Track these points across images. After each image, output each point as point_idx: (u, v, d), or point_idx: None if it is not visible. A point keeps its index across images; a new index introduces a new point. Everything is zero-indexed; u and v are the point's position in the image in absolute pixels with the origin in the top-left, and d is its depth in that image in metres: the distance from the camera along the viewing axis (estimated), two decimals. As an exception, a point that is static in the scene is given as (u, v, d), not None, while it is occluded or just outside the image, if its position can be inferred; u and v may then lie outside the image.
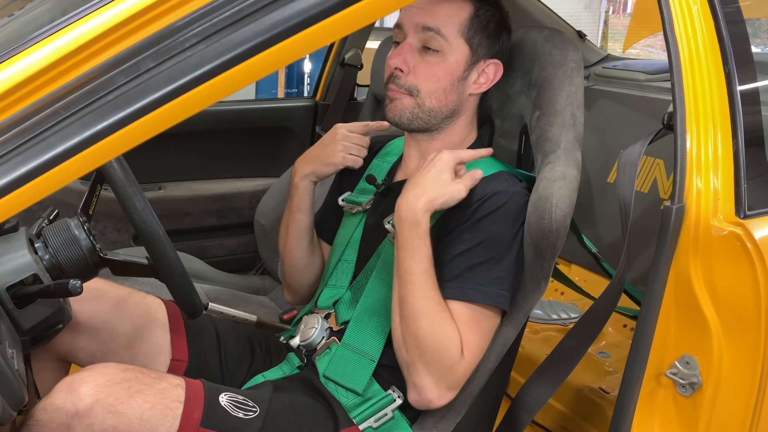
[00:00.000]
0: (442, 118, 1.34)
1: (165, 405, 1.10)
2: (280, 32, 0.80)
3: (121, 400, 1.06)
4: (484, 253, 1.22)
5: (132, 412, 1.06)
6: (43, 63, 0.79)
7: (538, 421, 1.97)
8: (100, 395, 1.05)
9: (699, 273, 1.16)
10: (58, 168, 0.78)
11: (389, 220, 1.33)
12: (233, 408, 1.16)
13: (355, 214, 1.47)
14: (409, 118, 1.32)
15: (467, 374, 1.22)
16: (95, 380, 1.07)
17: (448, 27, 1.29)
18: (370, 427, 1.28)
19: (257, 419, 1.17)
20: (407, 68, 1.29)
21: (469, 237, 1.23)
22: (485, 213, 1.23)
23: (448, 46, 1.29)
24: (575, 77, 1.34)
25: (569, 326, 2.25)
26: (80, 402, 1.04)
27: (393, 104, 1.33)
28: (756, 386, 1.15)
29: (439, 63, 1.30)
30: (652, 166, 2.26)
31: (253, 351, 1.47)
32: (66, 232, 1.11)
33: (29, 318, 1.04)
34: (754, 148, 1.24)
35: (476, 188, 1.25)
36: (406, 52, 1.29)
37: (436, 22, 1.28)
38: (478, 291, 1.20)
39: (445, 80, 1.31)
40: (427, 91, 1.30)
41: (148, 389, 1.10)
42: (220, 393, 1.18)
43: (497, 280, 1.21)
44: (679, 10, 1.22)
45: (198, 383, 1.17)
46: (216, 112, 2.63)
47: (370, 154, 1.54)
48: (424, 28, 1.28)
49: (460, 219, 1.24)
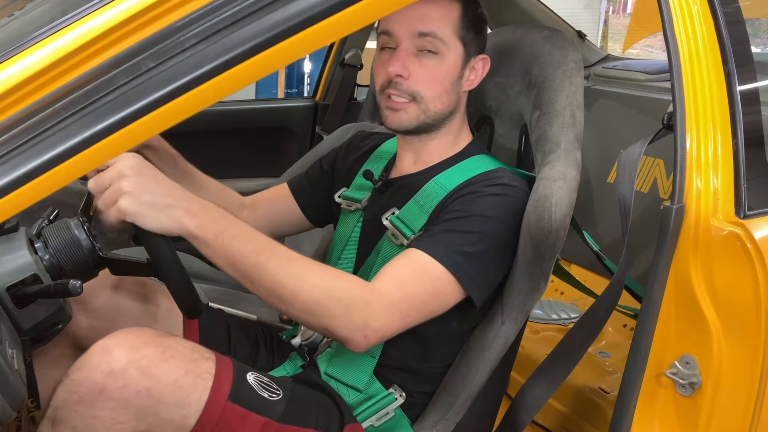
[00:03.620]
0: (443, 119, 1.34)
1: (197, 375, 1.10)
2: (280, 32, 0.80)
3: (156, 363, 1.06)
4: (466, 225, 1.21)
5: (166, 376, 1.06)
6: (43, 63, 0.79)
7: (538, 421, 1.97)
8: (134, 356, 1.05)
9: (699, 273, 1.16)
10: (58, 168, 0.78)
11: (387, 217, 1.34)
12: (260, 387, 1.17)
13: (354, 212, 1.46)
14: (414, 126, 1.32)
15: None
16: (130, 342, 1.07)
17: (444, 29, 1.28)
18: (372, 425, 1.28)
19: (280, 403, 1.17)
20: (407, 73, 1.28)
21: (460, 208, 1.23)
22: (483, 194, 1.24)
23: (446, 47, 1.29)
24: (575, 77, 1.34)
25: (569, 326, 2.25)
26: (115, 363, 1.04)
27: (396, 115, 1.31)
28: (756, 386, 1.15)
29: (438, 65, 1.29)
30: (652, 166, 2.26)
31: (258, 350, 1.47)
32: (66, 232, 1.11)
33: (29, 318, 1.04)
34: (754, 148, 1.24)
35: (479, 176, 1.26)
36: (404, 58, 1.28)
37: (431, 26, 1.27)
38: (445, 252, 1.18)
39: (446, 82, 1.31)
40: (430, 95, 1.30)
41: (181, 357, 1.10)
42: (248, 371, 1.18)
43: (468, 255, 1.19)
44: (679, 10, 1.22)
45: (227, 359, 1.17)
46: (216, 112, 2.63)
47: (364, 152, 1.53)
48: (421, 33, 1.27)
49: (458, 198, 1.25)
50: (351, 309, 1.11)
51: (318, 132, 2.88)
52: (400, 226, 1.31)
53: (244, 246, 1.08)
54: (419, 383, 1.33)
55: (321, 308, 1.10)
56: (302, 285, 1.09)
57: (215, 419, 1.09)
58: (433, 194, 1.30)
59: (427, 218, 1.28)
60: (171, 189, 1.05)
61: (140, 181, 1.03)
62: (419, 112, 1.30)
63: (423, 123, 1.32)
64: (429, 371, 1.33)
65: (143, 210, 1.02)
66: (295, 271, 1.09)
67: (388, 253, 1.31)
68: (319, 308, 1.10)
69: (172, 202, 1.04)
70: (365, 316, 1.11)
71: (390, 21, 1.30)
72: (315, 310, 1.11)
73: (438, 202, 1.28)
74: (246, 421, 1.12)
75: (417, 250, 1.19)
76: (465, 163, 1.34)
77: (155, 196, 1.03)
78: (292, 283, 1.09)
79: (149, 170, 1.05)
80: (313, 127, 2.91)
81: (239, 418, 1.11)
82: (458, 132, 1.39)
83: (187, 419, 1.08)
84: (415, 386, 1.32)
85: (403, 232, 1.30)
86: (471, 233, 1.20)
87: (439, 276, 1.18)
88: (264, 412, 1.14)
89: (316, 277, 1.10)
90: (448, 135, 1.37)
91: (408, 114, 1.30)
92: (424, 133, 1.35)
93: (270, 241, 1.11)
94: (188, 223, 1.05)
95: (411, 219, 1.30)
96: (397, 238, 1.31)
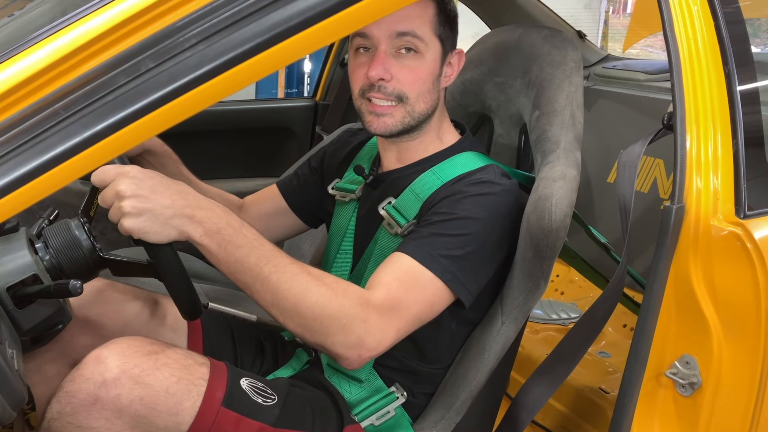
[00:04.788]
0: (426, 119, 1.32)
1: (190, 381, 1.10)
2: (280, 32, 0.80)
3: (148, 371, 1.07)
4: (452, 228, 1.20)
5: (158, 384, 1.07)
6: (43, 63, 0.79)
7: (538, 421, 1.97)
8: (126, 366, 1.06)
9: (699, 273, 1.16)
10: (58, 168, 0.79)
11: (383, 206, 1.33)
12: (253, 393, 1.17)
13: (348, 203, 1.46)
14: (399, 130, 1.30)
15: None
16: (122, 351, 1.07)
17: (422, 27, 1.26)
18: (372, 424, 1.28)
19: (275, 407, 1.17)
20: (390, 76, 1.26)
21: (446, 210, 1.22)
22: (467, 194, 1.22)
23: (425, 46, 1.27)
24: (574, 77, 1.34)
25: (569, 326, 2.25)
26: (107, 372, 1.05)
27: (381, 120, 1.28)
28: (756, 386, 1.15)
29: (420, 65, 1.28)
30: (652, 166, 2.26)
31: (264, 350, 1.48)
32: (66, 232, 1.11)
33: (29, 318, 1.04)
34: (754, 148, 1.24)
35: (465, 175, 1.26)
36: (384, 61, 1.26)
37: (410, 25, 1.25)
38: (432, 258, 1.17)
39: (428, 81, 1.29)
40: (415, 95, 1.28)
41: (174, 363, 1.10)
42: (242, 377, 1.18)
43: (456, 258, 1.18)
44: (679, 10, 1.22)
45: (222, 364, 1.18)
46: (216, 112, 2.63)
47: (353, 147, 1.53)
48: (399, 33, 1.25)
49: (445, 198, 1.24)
50: (347, 328, 1.09)
51: (318, 132, 2.88)
52: (395, 214, 1.31)
53: (247, 256, 1.06)
54: (420, 383, 1.33)
55: (319, 326, 1.09)
56: (302, 301, 1.08)
57: (209, 425, 1.09)
58: (429, 183, 1.30)
59: (421, 206, 1.27)
60: (172, 198, 1.03)
61: (138, 200, 1.00)
62: (404, 114, 1.28)
63: (408, 125, 1.30)
64: (430, 371, 1.33)
65: (145, 227, 1.01)
66: (297, 285, 1.08)
67: (385, 244, 1.31)
68: (318, 326, 1.09)
69: (175, 212, 1.02)
70: (361, 334, 1.10)
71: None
72: (313, 327, 1.10)
73: (433, 191, 1.28)
74: (240, 426, 1.12)
75: (405, 255, 1.18)
76: (452, 159, 1.33)
77: (155, 210, 1.01)
78: (292, 298, 1.08)
79: (148, 182, 1.02)
80: (313, 127, 2.91)
81: (233, 423, 1.11)
82: (439, 127, 1.37)
83: (180, 426, 1.08)
84: (416, 386, 1.33)
85: (397, 221, 1.30)
86: (457, 236, 1.19)
87: (428, 283, 1.17)
88: (258, 417, 1.14)
89: (317, 293, 1.09)
90: (429, 132, 1.36)
91: (393, 118, 1.28)
92: (406, 134, 1.33)
93: (275, 251, 1.10)
94: (192, 232, 1.04)
95: (406, 207, 1.30)
96: (392, 227, 1.31)
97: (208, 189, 1.51)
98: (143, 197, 1.00)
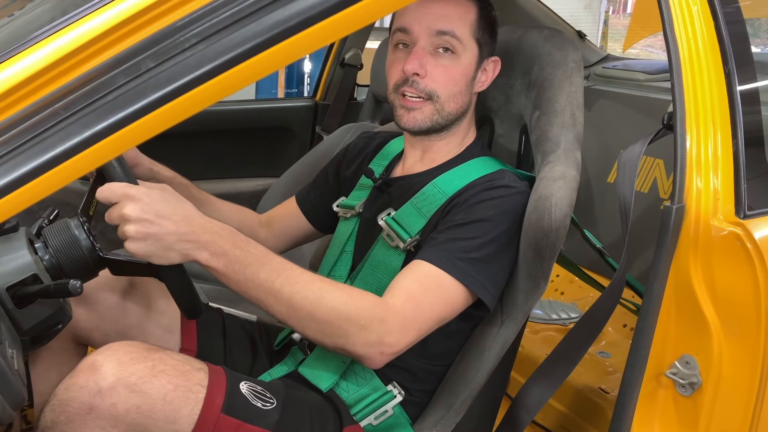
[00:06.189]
0: (455, 120, 1.35)
1: (187, 388, 1.09)
2: (280, 32, 0.80)
3: (144, 379, 1.05)
4: (471, 231, 1.21)
5: (155, 392, 1.05)
6: (43, 63, 0.79)
7: (538, 421, 1.97)
8: (122, 374, 1.04)
9: (699, 273, 1.16)
10: (58, 168, 0.78)
11: (383, 217, 1.34)
12: (253, 397, 1.16)
13: (350, 218, 1.47)
14: (429, 126, 1.32)
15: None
16: (118, 358, 1.06)
17: (462, 29, 1.29)
18: (370, 424, 1.28)
19: (274, 411, 1.16)
20: (424, 72, 1.28)
21: (463, 216, 1.23)
22: (484, 199, 1.24)
23: (463, 47, 1.30)
24: (575, 77, 1.34)
25: (569, 326, 2.25)
26: (103, 381, 1.03)
27: (411, 114, 1.31)
28: (756, 386, 1.15)
29: (455, 65, 1.30)
30: (652, 166, 2.26)
31: (257, 350, 1.47)
32: (66, 232, 1.11)
33: (29, 318, 1.04)
34: (754, 148, 1.24)
35: (480, 179, 1.27)
36: (421, 56, 1.28)
37: (450, 25, 1.28)
38: (450, 261, 1.18)
39: (461, 82, 1.32)
40: (446, 95, 1.30)
41: (171, 370, 1.08)
42: (240, 381, 1.18)
43: (475, 261, 1.19)
44: (679, 10, 1.22)
45: (220, 369, 1.17)
46: (216, 112, 2.63)
47: (369, 152, 1.53)
48: (439, 32, 1.28)
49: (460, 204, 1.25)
50: (366, 328, 1.11)
51: (318, 132, 2.89)
52: (396, 227, 1.31)
53: (256, 273, 1.07)
54: (418, 381, 1.33)
55: (338, 329, 1.10)
56: (318, 308, 1.09)
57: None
58: (431, 198, 1.30)
59: (426, 222, 1.28)
60: (177, 224, 1.02)
61: (143, 225, 1.00)
62: (434, 111, 1.31)
63: (436, 123, 1.32)
64: (428, 369, 1.33)
65: (149, 251, 1.02)
66: (310, 293, 1.09)
67: (381, 256, 1.32)
68: (336, 329, 1.10)
69: (179, 238, 1.02)
70: (380, 333, 1.12)
71: (407, 18, 1.30)
72: (332, 331, 1.11)
73: (438, 207, 1.29)
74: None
75: (425, 262, 1.19)
76: (466, 165, 1.34)
77: (159, 235, 1.01)
78: (308, 306, 1.09)
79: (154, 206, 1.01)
80: (313, 127, 2.91)
81: (233, 429, 1.11)
82: (466, 133, 1.40)
83: None
84: (414, 384, 1.32)
85: (399, 235, 1.30)
86: (475, 239, 1.20)
87: (450, 286, 1.18)
88: (258, 423, 1.14)
89: (332, 299, 1.10)
90: (457, 135, 1.38)
91: (423, 113, 1.31)
92: (434, 134, 1.36)
93: (284, 263, 1.10)
94: (197, 256, 1.04)
95: (407, 221, 1.31)
96: (392, 239, 1.31)
97: (221, 207, 1.51)
98: (148, 222, 1.00)
